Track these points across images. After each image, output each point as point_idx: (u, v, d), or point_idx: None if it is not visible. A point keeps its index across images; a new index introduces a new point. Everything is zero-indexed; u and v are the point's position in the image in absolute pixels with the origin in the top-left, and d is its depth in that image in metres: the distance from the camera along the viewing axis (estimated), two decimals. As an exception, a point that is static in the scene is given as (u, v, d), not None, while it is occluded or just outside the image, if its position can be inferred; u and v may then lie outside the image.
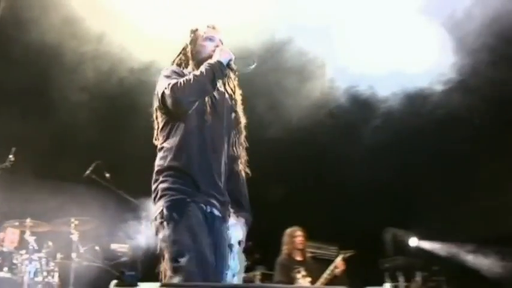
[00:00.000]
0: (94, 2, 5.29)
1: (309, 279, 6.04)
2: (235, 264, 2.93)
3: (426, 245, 8.68)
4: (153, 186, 2.80)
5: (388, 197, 8.21)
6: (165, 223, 2.65)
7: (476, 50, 5.50)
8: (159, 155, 2.85)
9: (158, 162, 2.83)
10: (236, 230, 2.96)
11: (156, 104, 2.92)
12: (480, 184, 7.96)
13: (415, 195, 8.25)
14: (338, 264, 6.26)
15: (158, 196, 2.75)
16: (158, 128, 2.95)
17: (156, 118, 2.97)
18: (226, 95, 3.08)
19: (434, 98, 5.63)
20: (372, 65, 5.17)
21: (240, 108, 3.12)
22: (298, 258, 6.24)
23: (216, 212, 2.80)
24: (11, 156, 5.51)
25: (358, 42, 5.21)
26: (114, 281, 1.88)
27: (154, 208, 2.77)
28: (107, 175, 6.02)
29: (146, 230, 6.31)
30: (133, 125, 7.00)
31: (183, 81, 2.76)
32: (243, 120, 3.11)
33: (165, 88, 2.75)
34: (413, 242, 8.66)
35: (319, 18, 5.09)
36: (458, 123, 6.54)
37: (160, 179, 2.76)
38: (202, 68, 2.82)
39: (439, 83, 5.44)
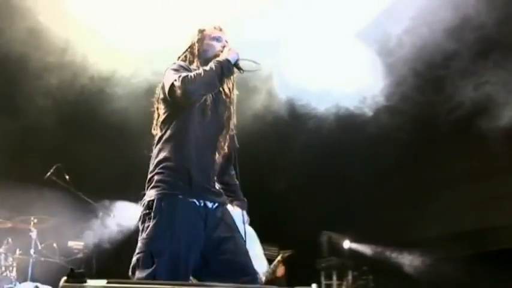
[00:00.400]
0: (60, 13, 5.22)
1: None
2: (248, 244, 2.82)
3: (357, 247, 8.84)
4: (149, 175, 2.75)
5: (324, 203, 8.35)
6: (152, 214, 2.58)
7: (404, 75, 5.70)
8: (158, 145, 2.80)
9: (156, 152, 2.78)
10: (235, 215, 2.91)
11: (160, 95, 2.88)
12: (404, 194, 8.24)
13: (348, 202, 8.43)
14: (279, 264, 6.33)
15: (152, 185, 2.69)
16: (158, 118, 2.88)
17: (157, 109, 2.91)
18: (223, 94, 3.02)
19: (364, 117, 5.74)
20: (310, 80, 5.18)
21: (234, 107, 3.05)
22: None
23: (210, 204, 2.71)
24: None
25: (300, 58, 5.19)
26: (64, 278, 1.91)
27: (146, 195, 2.71)
28: (67, 177, 6.00)
29: (101, 229, 6.33)
30: (92, 131, 7.05)
31: (194, 74, 2.72)
32: (234, 119, 3.04)
33: (175, 80, 2.69)
34: (346, 244, 8.80)
35: (266, 33, 5.08)
36: (386, 138, 6.71)
37: (156, 170, 2.70)
38: (212, 64, 2.79)
39: (369, 103, 5.56)
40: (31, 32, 5.30)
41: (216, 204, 2.75)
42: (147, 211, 2.62)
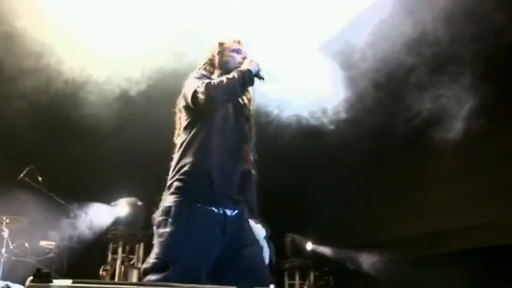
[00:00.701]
0: (36, 18, 5.11)
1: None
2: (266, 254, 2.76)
3: (319, 248, 8.90)
4: (169, 181, 2.66)
5: (287, 206, 8.39)
6: (169, 220, 2.50)
7: (365, 86, 5.74)
8: (179, 151, 2.71)
9: (177, 158, 2.70)
10: (256, 227, 2.84)
11: (182, 103, 2.81)
12: (363, 198, 8.35)
13: (310, 205, 8.49)
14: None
15: (171, 191, 2.60)
16: (180, 127, 2.81)
17: (179, 118, 2.85)
18: (244, 105, 2.96)
19: (325, 126, 5.77)
20: (278, 88, 5.23)
21: (252, 119, 2.99)
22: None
23: (229, 212, 2.62)
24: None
25: (263, 66, 5.20)
26: (30, 278, 1.86)
27: (164, 200, 2.61)
28: (40, 179, 5.92)
29: (73, 229, 6.24)
30: (65, 133, 6.94)
31: (217, 81, 2.69)
32: (253, 130, 2.98)
33: (198, 86, 2.64)
34: (309, 245, 8.85)
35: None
36: (346, 146, 6.73)
37: (177, 176, 2.62)
38: (234, 73, 2.74)
39: (329, 113, 5.58)
40: (7, 37, 5.21)
41: (236, 212, 2.67)
42: (164, 217, 2.53)
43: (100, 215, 6.86)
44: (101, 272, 6.72)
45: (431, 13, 5.14)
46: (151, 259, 2.48)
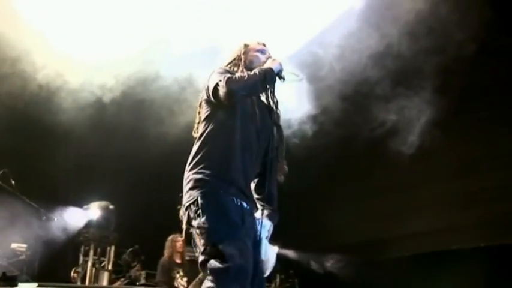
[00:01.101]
0: (13, 23, 5.02)
1: (186, 279, 6.03)
2: (266, 257, 2.66)
3: (284, 251, 8.88)
4: (187, 174, 2.59)
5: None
6: (200, 211, 2.43)
7: (332, 99, 5.74)
8: (197, 144, 2.65)
9: (195, 150, 2.64)
10: (264, 225, 2.70)
11: (204, 97, 2.75)
12: (325, 203, 8.39)
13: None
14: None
15: (191, 186, 2.53)
16: (200, 121, 2.74)
17: (199, 113, 2.78)
18: (269, 106, 2.88)
19: (291, 137, 5.74)
20: None
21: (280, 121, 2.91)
22: (178, 260, 6.19)
23: (245, 205, 2.56)
24: None
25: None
26: None
27: (186, 197, 2.54)
28: (13, 182, 5.74)
29: (45, 232, 6.07)
30: (39, 138, 6.76)
31: (238, 76, 2.65)
32: (283, 136, 2.92)
33: (220, 80, 2.59)
34: (274, 249, 8.81)
35: (201, 46, 5.03)
36: (310, 155, 6.65)
37: (196, 169, 2.55)
38: (256, 70, 2.69)
39: (295, 124, 5.53)
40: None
41: (249, 207, 2.61)
42: (194, 208, 2.47)
43: (72, 218, 6.71)
44: (72, 274, 6.57)
45: (396, 27, 5.18)
46: (201, 254, 2.43)
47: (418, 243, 8.99)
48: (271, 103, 2.89)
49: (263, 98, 2.89)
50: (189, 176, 2.57)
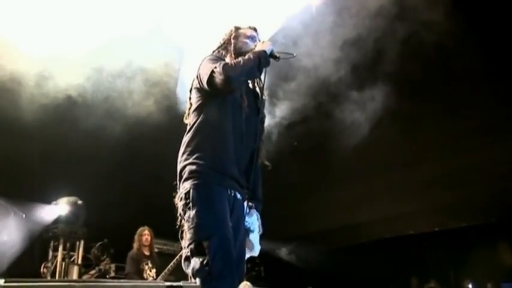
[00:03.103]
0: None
1: (154, 270, 5.97)
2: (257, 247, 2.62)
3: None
4: (182, 164, 2.48)
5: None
6: (190, 204, 2.36)
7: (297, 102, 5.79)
8: (189, 133, 2.54)
9: (187, 140, 2.53)
10: (252, 216, 2.64)
11: (195, 84, 2.62)
12: (290, 193, 8.45)
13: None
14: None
15: (185, 177, 2.44)
16: (191, 108, 2.63)
17: (190, 99, 2.67)
18: (255, 93, 2.78)
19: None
20: None
21: (265, 107, 2.81)
22: (146, 253, 6.11)
23: (238, 196, 2.51)
24: None
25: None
26: None
27: (181, 188, 2.45)
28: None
29: (13, 228, 5.90)
30: (6, 133, 6.52)
31: (233, 62, 2.51)
32: (265, 119, 2.82)
33: (215, 67, 2.46)
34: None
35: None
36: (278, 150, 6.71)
37: (191, 159, 2.45)
38: (250, 55, 2.56)
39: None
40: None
41: (242, 197, 2.55)
42: (186, 201, 2.39)
43: (41, 214, 6.54)
44: (42, 269, 6.42)
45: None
46: (187, 246, 2.37)
47: (376, 230, 9.16)
48: (257, 88, 2.81)
49: (249, 83, 2.78)
50: (184, 165, 2.48)
